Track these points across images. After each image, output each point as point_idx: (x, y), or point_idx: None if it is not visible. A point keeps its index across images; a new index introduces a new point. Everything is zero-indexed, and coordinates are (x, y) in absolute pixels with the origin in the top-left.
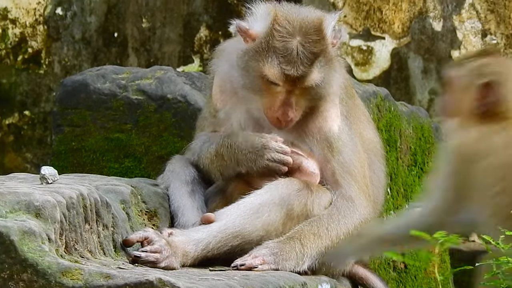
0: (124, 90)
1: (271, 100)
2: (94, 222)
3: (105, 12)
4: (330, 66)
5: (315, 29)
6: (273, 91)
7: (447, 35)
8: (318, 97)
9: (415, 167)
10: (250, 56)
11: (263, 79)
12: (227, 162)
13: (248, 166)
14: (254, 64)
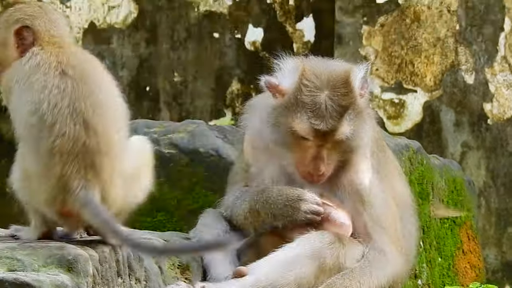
0: (156, 144)
1: (302, 155)
2: (126, 276)
3: (136, 66)
4: (359, 118)
5: (343, 82)
6: (303, 146)
7: (479, 88)
8: (350, 150)
9: (447, 220)
10: (279, 112)
11: (293, 134)
12: (263, 217)
13: (286, 220)
14: (283, 119)
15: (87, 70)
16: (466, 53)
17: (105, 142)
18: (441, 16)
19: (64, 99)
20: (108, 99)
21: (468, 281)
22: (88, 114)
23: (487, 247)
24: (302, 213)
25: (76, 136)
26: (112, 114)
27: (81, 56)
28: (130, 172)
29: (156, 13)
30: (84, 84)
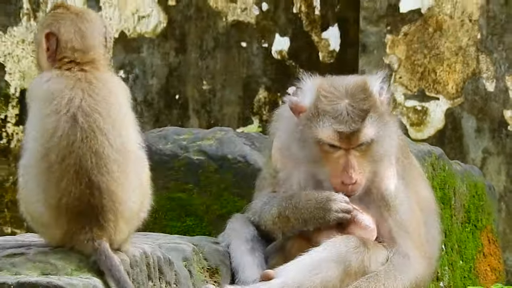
0: (185, 150)
1: (333, 166)
2: (157, 279)
3: (166, 74)
4: (382, 121)
5: (361, 89)
6: (333, 157)
7: (500, 95)
8: (378, 157)
9: (468, 224)
10: (303, 125)
11: (320, 145)
12: (294, 223)
13: (318, 223)
14: (308, 131)
15: (100, 118)
16: (487, 61)
17: (110, 198)
18: (462, 25)
19: (71, 154)
20: (118, 147)
21: (488, 283)
22: (93, 172)
23: (507, 250)
24: (333, 213)
25: (81, 195)
26: (120, 164)
27: (100, 90)
28: (136, 208)
29: (185, 23)
30: (93, 138)
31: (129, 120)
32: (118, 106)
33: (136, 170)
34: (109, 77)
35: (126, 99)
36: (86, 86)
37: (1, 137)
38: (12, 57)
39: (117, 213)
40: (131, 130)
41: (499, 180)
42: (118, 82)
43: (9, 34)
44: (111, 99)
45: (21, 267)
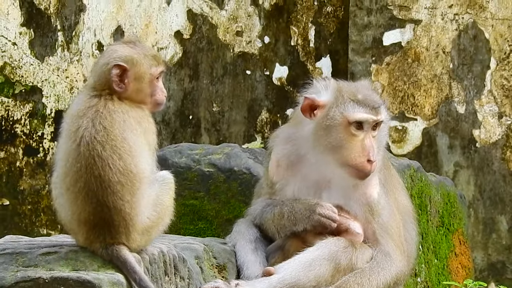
0: (198, 163)
1: (357, 148)
2: (172, 274)
3: (181, 98)
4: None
5: (372, 89)
6: (357, 139)
7: (469, 116)
8: (379, 146)
9: (442, 227)
10: (326, 117)
11: (347, 128)
12: (286, 222)
13: (303, 222)
14: (334, 119)
15: (99, 145)
16: (459, 88)
17: (119, 215)
18: (437, 56)
19: (81, 179)
20: (120, 170)
21: (459, 279)
22: (99, 193)
23: (475, 250)
24: (317, 215)
25: (94, 212)
26: (126, 185)
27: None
28: (148, 222)
29: (198, 53)
30: (94, 164)
31: (136, 149)
32: (120, 135)
33: (147, 189)
34: (120, 108)
35: (138, 129)
36: (93, 115)
37: (39, 152)
38: (48, 82)
39: (129, 227)
40: (139, 157)
41: (468, 189)
42: (129, 114)
43: (45, 62)
44: (112, 129)
45: (55, 264)
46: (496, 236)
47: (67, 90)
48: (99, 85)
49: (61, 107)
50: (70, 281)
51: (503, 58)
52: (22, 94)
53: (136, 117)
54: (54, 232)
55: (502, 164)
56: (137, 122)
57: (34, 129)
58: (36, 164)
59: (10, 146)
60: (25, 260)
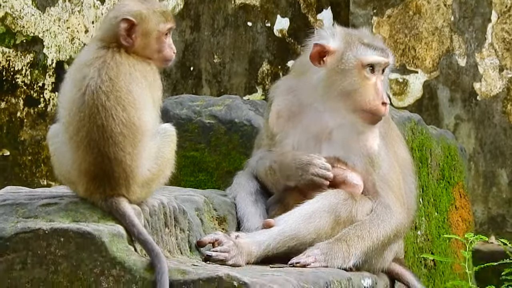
0: (199, 115)
1: (370, 91)
2: (172, 226)
3: (182, 49)
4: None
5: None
6: (369, 83)
7: (470, 70)
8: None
9: (442, 180)
10: (339, 61)
11: (361, 71)
12: (279, 176)
13: (296, 180)
14: (352, 59)
15: (104, 95)
16: (459, 41)
17: (119, 166)
18: (438, 9)
19: (83, 128)
20: (123, 121)
21: (459, 232)
22: (101, 144)
23: (475, 203)
24: (309, 175)
25: (94, 162)
26: (128, 136)
27: (110, 70)
28: (148, 175)
29: (199, 4)
30: (97, 114)
31: (140, 102)
32: (125, 87)
33: (149, 141)
34: (127, 61)
35: (143, 83)
36: (100, 65)
37: (40, 102)
38: (50, 33)
39: (129, 179)
40: (143, 110)
41: (469, 142)
42: (135, 67)
43: (47, 13)
44: (118, 80)
45: (55, 215)
46: (497, 189)
47: (68, 41)
48: (107, 38)
49: (62, 58)
50: (70, 232)
51: (504, 11)
52: (23, 44)
53: (142, 71)
54: (55, 183)
55: (503, 117)
56: (143, 76)
57: (35, 80)
58: (37, 115)
59: (11, 96)
60: (25, 211)
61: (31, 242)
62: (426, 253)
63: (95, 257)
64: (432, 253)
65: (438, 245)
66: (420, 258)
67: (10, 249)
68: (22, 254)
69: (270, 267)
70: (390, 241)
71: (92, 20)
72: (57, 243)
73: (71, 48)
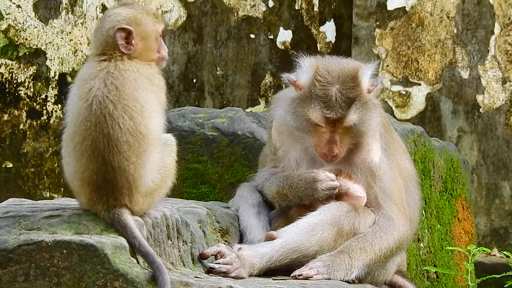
0: (201, 127)
1: (318, 139)
2: (175, 238)
3: (185, 61)
4: (365, 107)
5: (352, 77)
6: (319, 132)
7: (473, 82)
8: (359, 134)
9: (445, 192)
10: (297, 104)
11: (309, 121)
12: (291, 199)
13: (309, 199)
14: (300, 110)
15: (111, 104)
16: (462, 53)
17: (122, 175)
18: (441, 21)
19: (89, 137)
20: (129, 130)
21: (462, 245)
22: (105, 152)
23: (478, 215)
24: (320, 192)
25: (98, 171)
26: (133, 145)
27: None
28: (152, 185)
29: (202, 17)
30: (104, 122)
31: (148, 109)
32: (131, 94)
33: (154, 151)
34: (130, 67)
35: (149, 87)
36: (105, 76)
37: (42, 114)
38: (52, 45)
39: (132, 189)
40: (149, 117)
41: (471, 155)
42: (140, 72)
43: (50, 25)
44: (124, 88)
45: (58, 227)
46: (499, 201)
47: (71, 53)
48: (106, 50)
49: (65, 70)
50: (73, 244)
51: (507, 24)
52: (26, 56)
53: (147, 75)
54: (57, 195)
55: (506, 129)
56: (148, 79)
57: (37, 92)
58: (40, 127)
59: (13, 108)
60: (28, 223)
61: (34, 254)
62: (428, 265)
63: (98, 269)
64: (435, 265)
65: (440, 257)
66: (423, 270)
67: (13, 261)
68: (25, 266)
69: (273, 279)
70: (392, 253)
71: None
72: (60, 255)
73: (74, 60)
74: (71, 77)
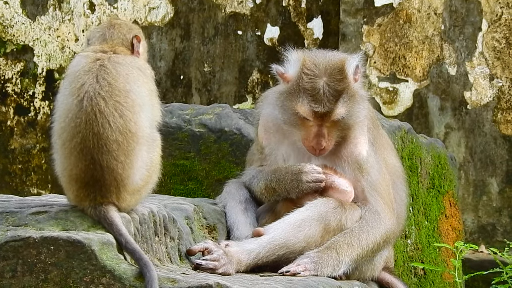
0: (188, 124)
1: (306, 132)
2: (162, 235)
3: (172, 58)
4: (353, 100)
5: (338, 70)
6: (307, 125)
7: (461, 78)
8: (347, 127)
9: (433, 189)
10: (285, 97)
11: (297, 115)
12: (279, 192)
13: (296, 192)
14: (288, 103)
15: (102, 101)
16: (450, 49)
17: (111, 174)
18: (429, 18)
19: (78, 134)
20: (119, 128)
21: (449, 241)
22: (94, 151)
23: (465, 212)
24: (305, 184)
25: (86, 169)
26: (122, 144)
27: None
28: (140, 183)
29: (189, 13)
30: (94, 120)
31: (139, 103)
32: (123, 89)
33: (142, 149)
34: (124, 60)
35: (141, 79)
36: (98, 69)
37: (30, 111)
38: (40, 41)
39: (120, 187)
40: (140, 112)
41: (459, 151)
42: (132, 64)
43: (37, 22)
44: (117, 83)
45: (45, 223)
46: (487, 198)
47: (58, 50)
48: (112, 46)
49: (52, 66)
50: (60, 240)
51: (494, 20)
52: (13, 53)
53: (138, 66)
54: (45, 192)
55: (493, 126)
56: (139, 71)
57: (25, 88)
58: (27, 123)
59: (1, 105)
60: (15, 220)
61: (21, 250)
62: (416, 262)
63: (85, 265)
64: (422, 262)
65: (428, 254)
66: (410, 267)
67: (0, 257)
68: (12, 262)
69: (260, 275)
70: (379, 248)
71: (83, 29)
72: (47, 252)
73: (62, 56)
74: (58, 74)
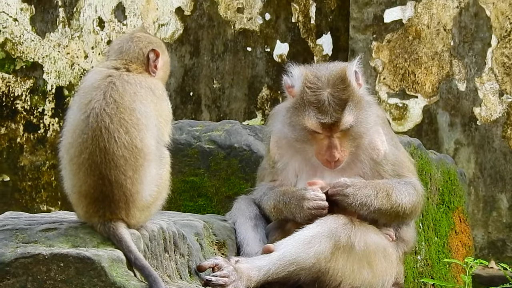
0: (198, 140)
1: (318, 146)
2: (172, 251)
3: (182, 74)
4: (359, 107)
5: (341, 79)
6: (317, 139)
7: (470, 94)
8: (359, 135)
9: (442, 205)
10: (292, 113)
11: (306, 130)
12: (286, 214)
13: (299, 217)
14: (296, 118)
15: (108, 118)
16: (459, 65)
17: (119, 189)
18: (438, 34)
19: (86, 150)
20: (125, 144)
21: (459, 257)
22: (102, 166)
23: (475, 228)
24: (306, 211)
25: (95, 185)
26: (129, 160)
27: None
28: (149, 199)
29: (199, 30)
30: (100, 136)
31: (144, 122)
32: (129, 106)
33: (151, 165)
34: (134, 79)
35: (148, 98)
36: (106, 86)
37: (39, 128)
38: (49, 58)
39: (129, 203)
40: (145, 130)
41: (469, 167)
42: (142, 84)
43: (47, 39)
44: (123, 101)
45: (54, 240)
46: (497, 214)
47: (68, 66)
48: (127, 63)
49: (61, 83)
50: (70, 257)
51: (504, 36)
52: (23, 70)
53: (150, 86)
54: (54, 209)
55: (503, 141)
56: (150, 90)
57: (34, 105)
58: (37, 140)
59: (10, 122)
60: (25, 236)
61: (31, 267)
62: (426, 277)
63: (94, 282)
64: (432, 278)
65: (438, 269)
66: (420, 283)
67: (10, 274)
68: (22, 279)
69: None
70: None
71: (92, 46)
72: (57, 268)
73: (71, 73)
74: (68, 91)
